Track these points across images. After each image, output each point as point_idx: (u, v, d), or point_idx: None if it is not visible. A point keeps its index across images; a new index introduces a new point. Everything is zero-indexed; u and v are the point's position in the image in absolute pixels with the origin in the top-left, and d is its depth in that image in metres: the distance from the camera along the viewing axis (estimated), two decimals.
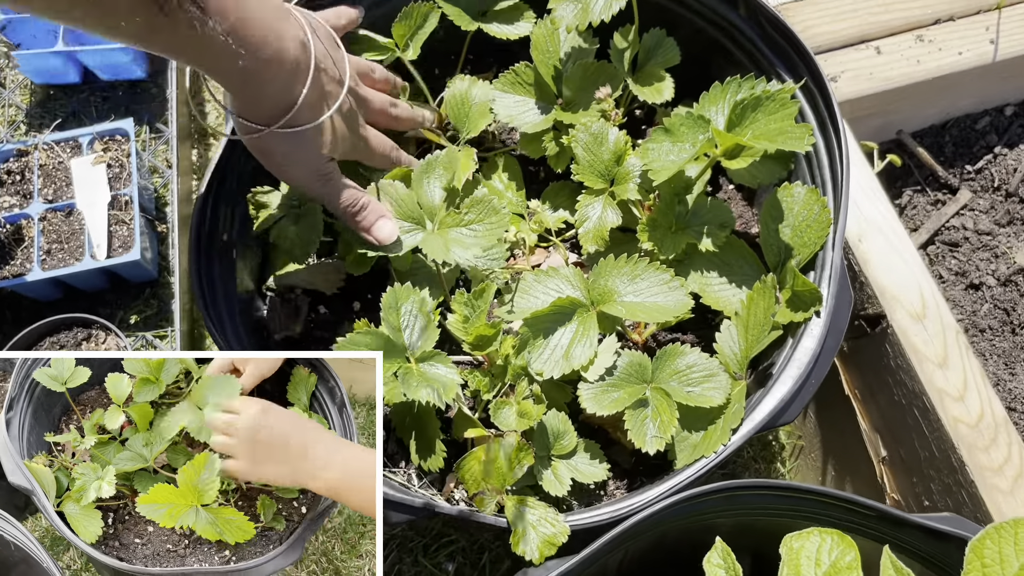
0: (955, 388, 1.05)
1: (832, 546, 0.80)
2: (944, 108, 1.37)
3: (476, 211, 1.02)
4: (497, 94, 1.16)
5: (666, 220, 1.06)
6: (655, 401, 0.98)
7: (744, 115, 0.98)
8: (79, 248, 1.41)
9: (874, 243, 1.12)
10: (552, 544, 0.91)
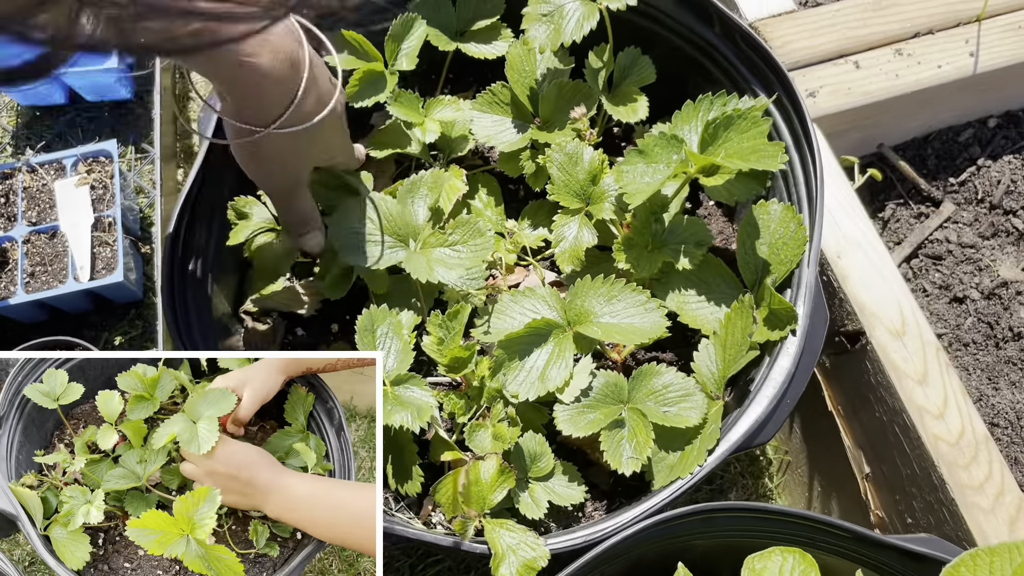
0: (935, 405, 1.04)
1: (794, 565, 0.80)
2: (925, 121, 1.36)
3: (461, 232, 1.02)
4: (475, 114, 1.15)
5: (642, 239, 1.05)
6: (631, 422, 0.97)
7: (717, 134, 0.98)
8: (63, 270, 1.41)
9: (853, 259, 1.12)
10: (531, 568, 0.91)
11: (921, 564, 0.86)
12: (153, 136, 1.61)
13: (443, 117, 1.13)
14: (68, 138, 1.64)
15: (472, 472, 0.96)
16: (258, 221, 1.05)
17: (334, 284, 1.04)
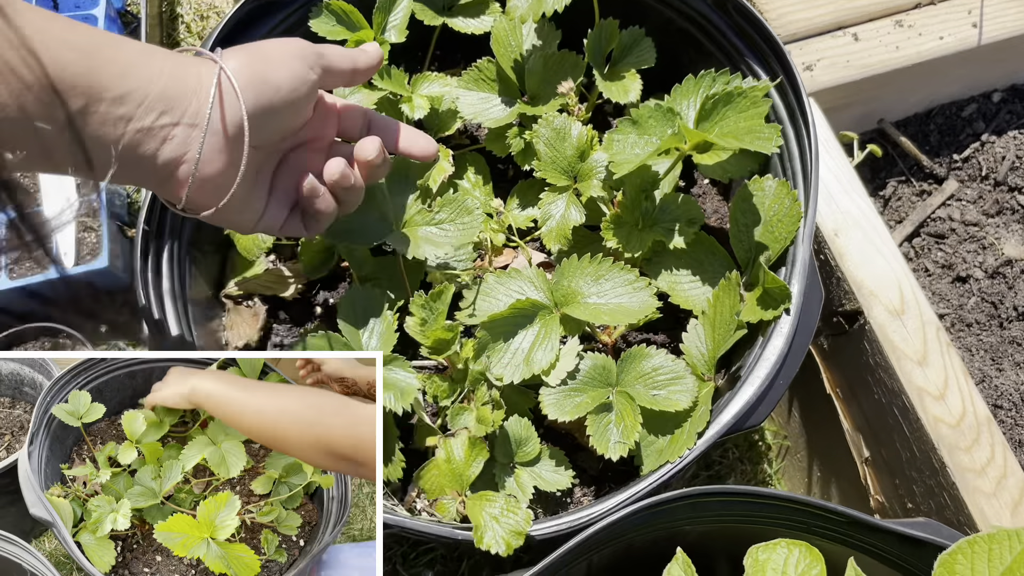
0: (935, 386, 1.01)
1: (800, 558, 0.76)
2: (927, 95, 1.32)
3: (448, 210, 0.99)
4: (461, 92, 1.12)
5: (632, 217, 1.02)
6: (619, 405, 0.94)
7: (714, 110, 0.95)
8: (46, 256, 1.38)
9: (851, 237, 1.08)
10: (518, 534, 0.87)
11: (919, 549, 0.83)
12: None
13: (431, 93, 1.09)
14: None
15: (444, 449, 0.93)
16: None
17: (313, 262, 1.02)
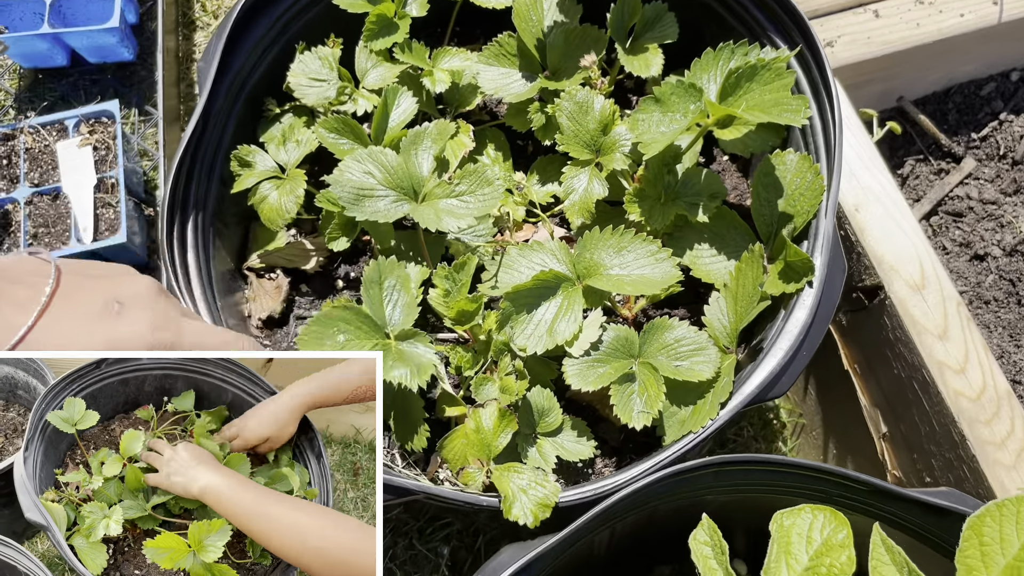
0: (956, 360, 1.01)
1: (824, 523, 0.77)
2: (947, 73, 1.32)
3: (468, 182, 0.99)
4: (481, 67, 1.12)
5: (654, 191, 1.03)
6: (642, 376, 0.95)
7: (738, 85, 0.95)
8: (66, 232, 1.39)
9: (872, 212, 1.09)
10: (545, 506, 0.88)
11: (941, 518, 0.84)
12: (156, 98, 1.59)
13: (452, 67, 1.09)
14: (70, 100, 1.62)
15: (473, 419, 0.94)
16: (262, 169, 1.03)
17: (336, 234, 1.02)
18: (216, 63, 0.99)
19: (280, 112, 1.10)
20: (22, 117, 1.60)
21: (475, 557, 1.37)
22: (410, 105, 1.05)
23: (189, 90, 1.71)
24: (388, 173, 0.98)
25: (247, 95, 1.08)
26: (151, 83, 1.63)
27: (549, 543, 0.81)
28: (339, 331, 0.91)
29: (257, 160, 1.03)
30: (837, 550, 0.74)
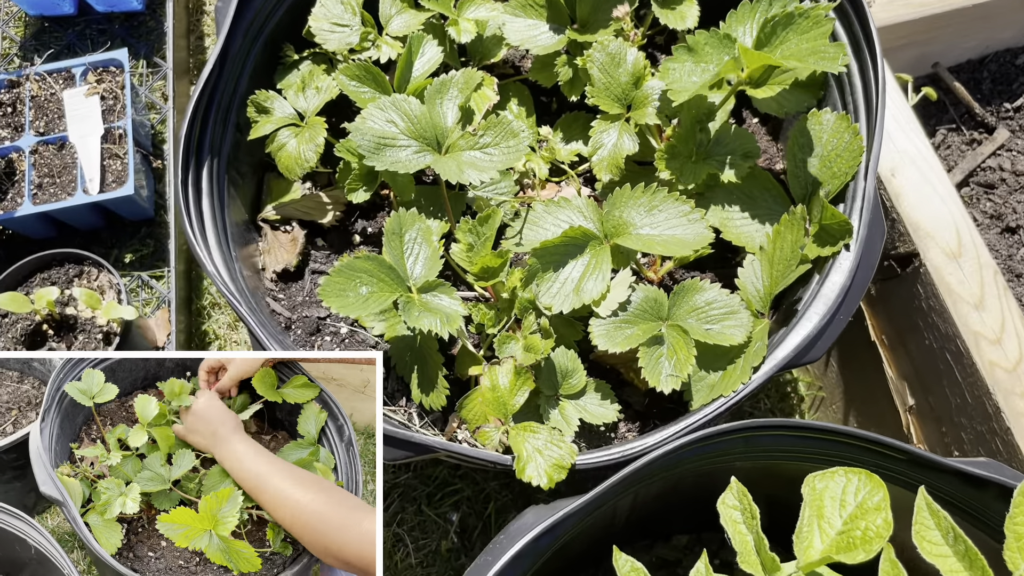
0: (992, 330, 0.98)
1: (859, 486, 0.74)
2: (983, 40, 1.28)
3: (493, 134, 0.95)
4: (508, 18, 1.08)
5: (686, 148, 0.99)
6: (671, 339, 0.92)
7: (774, 33, 0.91)
8: (71, 183, 1.35)
9: (908, 177, 1.05)
10: (561, 467, 0.86)
11: (978, 489, 0.81)
12: (165, 50, 1.54)
13: (477, 16, 1.06)
14: (77, 49, 1.57)
15: (489, 377, 0.91)
16: (280, 116, 0.99)
17: (355, 185, 0.98)
18: (235, 3, 0.95)
19: (298, 59, 1.06)
20: (28, 65, 1.55)
21: (485, 524, 1.34)
22: (435, 54, 1.01)
23: (199, 42, 1.66)
24: (411, 122, 0.95)
25: (265, 39, 1.04)
26: (160, 34, 1.59)
27: (574, 505, 0.79)
28: (361, 283, 0.87)
29: (275, 106, 1.00)
30: (873, 513, 0.71)
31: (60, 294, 1.26)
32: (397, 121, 0.94)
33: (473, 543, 1.34)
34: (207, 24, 1.67)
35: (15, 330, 1.26)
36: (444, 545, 1.33)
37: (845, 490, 0.74)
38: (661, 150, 0.98)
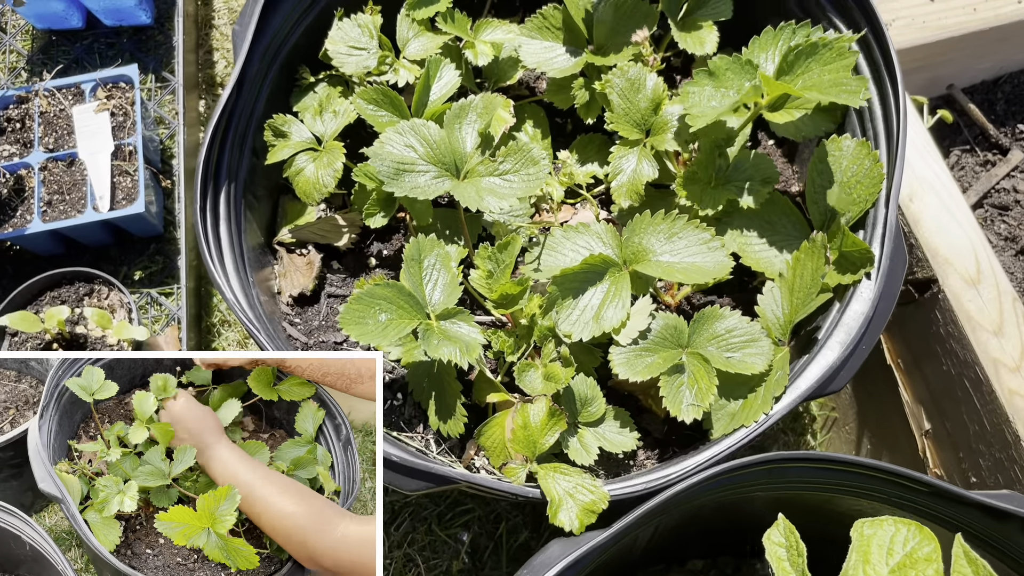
0: (1011, 358, 0.98)
1: (908, 536, 0.73)
2: (998, 62, 1.28)
3: (513, 160, 0.95)
4: (524, 40, 1.08)
5: (705, 174, 0.99)
6: (692, 367, 0.91)
7: (796, 63, 0.91)
8: (81, 200, 1.34)
9: (926, 203, 1.05)
10: (592, 512, 0.85)
11: (1001, 522, 0.81)
12: (174, 64, 1.54)
13: (494, 39, 1.05)
14: (86, 64, 1.57)
15: (521, 415, 0.90)
16: (298, 140, 0.98)
17: (373, 210, 0.98)
18: (253, 26, 0.94)
19: (314, 81, 1.06)
20: (36, 80, 1.55)
21: (496, 544, 1.34)
22: (453, 78, 1.00)
23: (207, 57, 1.65)
24: (430, 147, 0.94)
25: (282, 62, 1.03)
26: (168, 48, 1.58)
27: (599, 539, 0.78)
28: (381, 310, 0.87)
29: (293, 130, 0.99)
30: (922, 564, 0.71)
31: (70, 313, 1.26)
32: (416, 146, 0.94)
33: (484, 563, 1.34)
34: (215, 38, 1.67)
35: (25, 349, 1.26)
36: (455, 566, 1.32)
37: (893, 539, 0.73)
38: (680, 176, 0.97)
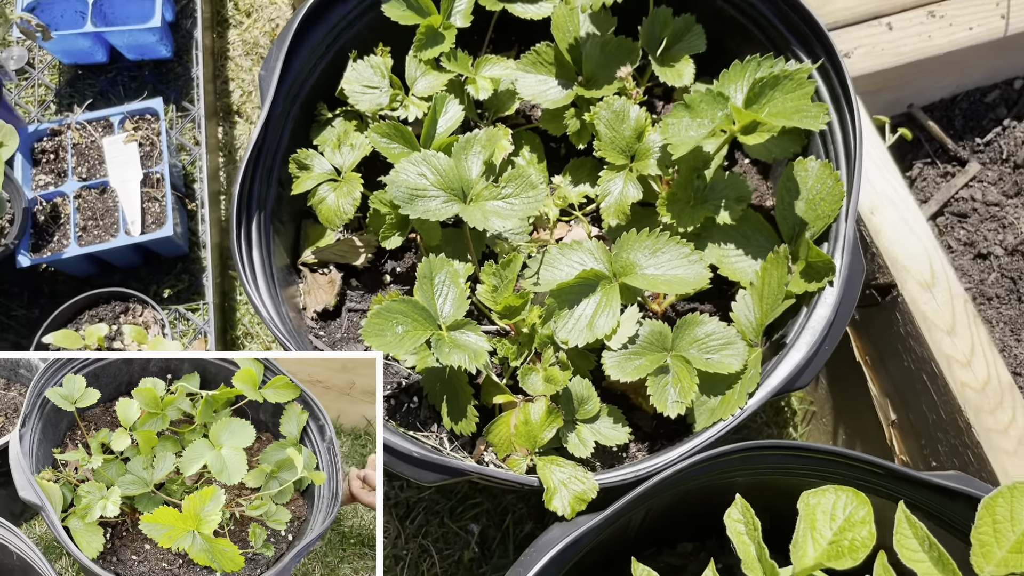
0: (962, 354, 1.09)
1: (847, 502, 0.84)
2: (954, 82, 1.40)
3: (514, 185, 1.06)
4: (519, 74, 1.19)
5: (685, 194, 1.10)
6: (676, 368, 1.02)
7: (762, 93, 1.02)
8: (114, 225, 1.46)
9: (886, 215, 1.16)
10: (582, 500, 0.97)
11: (951, 500, 0.92)
12: (193, 94, 1.65)
13: (493, 75, 1.16)
14: (110, 96, 1.68)
15: (522, 413, 1.01)
16: (319, 172, 1.10)
17: (389, 233, 1.09)
18: (278, 72, 1.05)
19: (331, 116, 1.17)
20: (64, 112, 1.66)
21: (504, 535, 1.45)
22: (457, 112, 1.12)
23: (224, 87, 1.76)
24: (440, 175, 1.05)
25: (302, 101, 1.14)
26: (187, 79, 1.69)
27: (595, 521, 0.89)
28: (397, 323, 0.98)
29: (315, 163, 1.10)
30: (859, 526, 0.82)
31: (108, 330, 1.37)
32: (427, 174, 1.05)
33: (492, 552, 1.45)
34: (231, 68, 1.78)
35: None
36: (466, 555, 1.43)
37: (835, 505, 0.84)
38: (662, 197, 1.09)
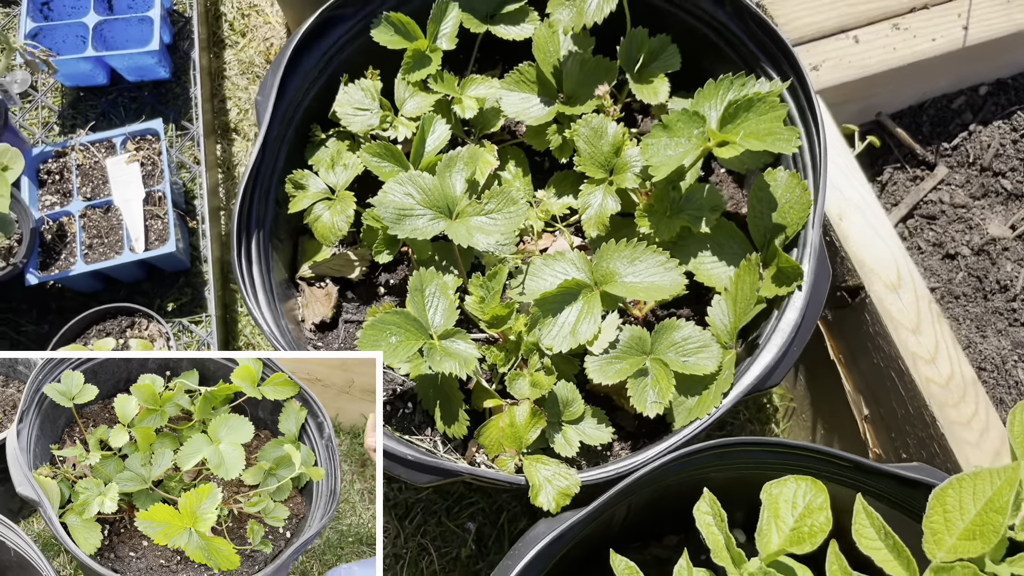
0: (927, 351, 1.15)
1: (806, 490, 0.90)
2: (921, 90, 1.46)
3: (496, 201, 1.12)
4: (504, 92, 1.25)
5: (662, 206, 1.16)
6: (654, 370, 1.08)
7: (736, 115, 1.07)
8: (118, 242, 1.52)
9: (853, 221, 1.22)
10: (566, 495, 1.02)
11: (914, 489, 0.98)
12: (192, 114, 1.71)
13: (478, 94, 1.22)
14: (112, 116, 1.74)
15: (508, 415, 1.07)
16: (315, 191, 1.16)
17: (381, 248, 1.15)
18: (274, 96, 1.11)
19: (325, 137, 1.23)
20: (67, 133, 1.72)
21: (499, 532, 1.51)
22: (444, 131, 1.18)
23: (221, 105, 1.82)
24: (425, 194, 1.11)
25: (297, 123, 1.20)
26: (186, 99, 1.75)
27: (577, 516, 0.95)
28: (391, 333, 1.04)
29: (310, 183, 1.16)
30: (817, 512, 0.88)
31: (116, 344, 1.43)
32: (414, 193, 1.11)
33: (489, 549, 1.51)
34: (227, 88, 1.84)
35: None
36: (464, 553, 1.49)
37: (796, 494, 0.90)
38: (640, 208, 1.15)
